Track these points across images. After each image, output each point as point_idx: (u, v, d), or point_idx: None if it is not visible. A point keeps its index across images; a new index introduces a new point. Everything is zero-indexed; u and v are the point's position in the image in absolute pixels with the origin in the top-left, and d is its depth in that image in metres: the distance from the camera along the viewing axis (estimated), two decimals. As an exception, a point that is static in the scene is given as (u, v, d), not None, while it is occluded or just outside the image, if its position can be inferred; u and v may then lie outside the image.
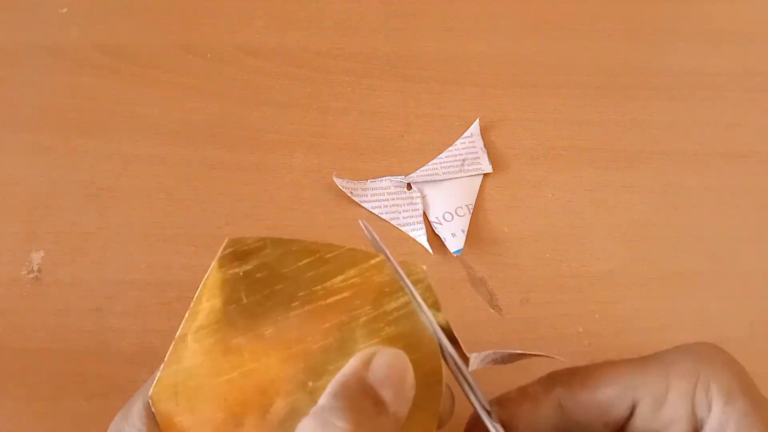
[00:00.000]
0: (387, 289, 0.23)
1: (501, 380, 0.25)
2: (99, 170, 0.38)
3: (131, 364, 0.32)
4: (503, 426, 0.23)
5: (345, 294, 0.22)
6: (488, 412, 0.23)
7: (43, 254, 0.35)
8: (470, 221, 0.37)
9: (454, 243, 0.36)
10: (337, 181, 0.37)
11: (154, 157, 0.38)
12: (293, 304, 0.22)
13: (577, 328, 0.35)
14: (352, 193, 0.37)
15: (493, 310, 0.35)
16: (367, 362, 0.21)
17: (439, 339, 0.23)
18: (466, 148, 0.40)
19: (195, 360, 0.22)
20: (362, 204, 0.37)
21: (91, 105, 0.40)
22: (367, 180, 0.38)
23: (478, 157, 0.39)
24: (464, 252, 0.36)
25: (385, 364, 0.21)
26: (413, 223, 0.37)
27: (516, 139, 0.41)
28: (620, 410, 0.23)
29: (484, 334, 0.35)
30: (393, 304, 0.22)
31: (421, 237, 0.36)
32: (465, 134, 0.40)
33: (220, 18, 0.44)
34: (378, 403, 0.20)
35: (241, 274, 0.23)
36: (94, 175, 0.38)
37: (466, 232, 0.37)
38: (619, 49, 0.45)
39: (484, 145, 0.40)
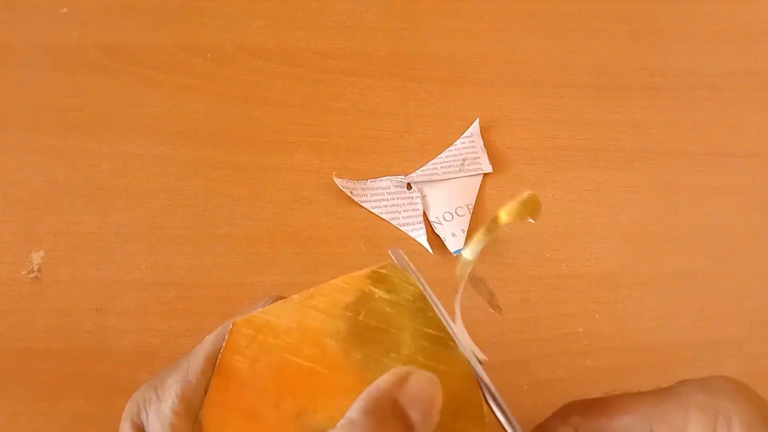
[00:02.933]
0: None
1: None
2: (99, 170, 0.38)
3: (131, 364, 0.32)
4: None
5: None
6: None
7: (43, 254, 0.35)
8: (470, 221, 0.37)
9: (454, 243, 0.36)
10: (337, 181, 0.37)
11: (154, 157, 0.38)
12: (392, 354, 0.22)
13: (577, 328, 0.35)
14: (352, 193, 0.37)
15: (493, 310, 0.35)
16: (403, 381, 0.20)
17: (478, 374, 0.22)
18: (466, 148, 0.40)
19: (289, 327, 0.22)
20: (362, 204, 0.37)
21: (91, 105, 0.40)
22: (367, 180, 0.38)
23: (478, 157, 0.39)
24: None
25: (419, 385, 0.20)
26: (413, 223, 0.37)
27: (516, 139, 0.41)
28: None
29: (484, 334, 0.35)
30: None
31: (421, 237, 0.36)
32: (465, 134, 0.40)
33: (220, 18, 0.44)
34: (407, 425, 0.20)
35: (376, 296, 0.23)
36: (94, 175, 0.38)
37: (466, 232, 0.37)
38: (619, 49, 0.45)
39: (484, 145, 0.40)
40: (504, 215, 0.22)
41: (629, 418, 0.23)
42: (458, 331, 0.23)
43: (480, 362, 0.23)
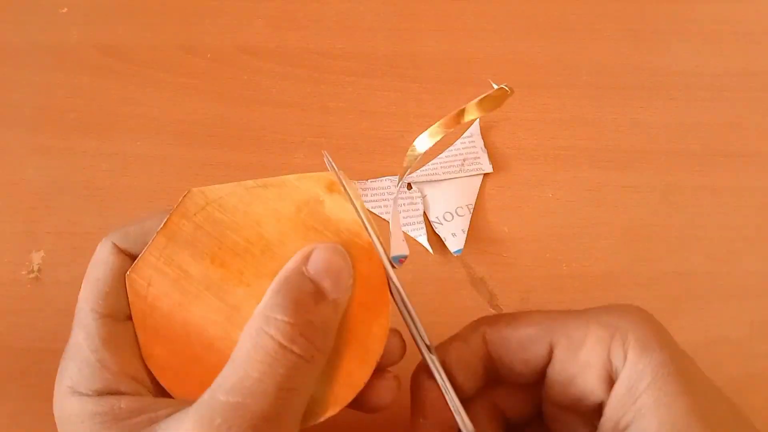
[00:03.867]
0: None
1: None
2: (99, 170, 0.38)
3: (131, 364, 0.32)
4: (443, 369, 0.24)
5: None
6: (428, 347, 0.24)
7: (43, 254, 0.35)
8: (470, 221, 0.37)
9: (454, 243, 0.36)
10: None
11: (153, 157, 0.38)
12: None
13: (577, 328, 0.35)
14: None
15: (493, 310, 0.35)
16: (306, 257, 0.22)
17: (387, 272, 0.24)
18: (466, 148, 0.40)
19: (236, 207, 0.24)
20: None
21: (91, 105, 0.40)
22: (367, 180, 0.38)
23: (478, 157, 0.39)
24: (464, 252, 0.36)
25: (323, 257, 0.22)
26: (413, 223, 0.37)
27: (516, 139, 0.41)
28: (539, 349, 0.24)
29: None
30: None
31: (421, 237, 0.36)
32: (465, 134, 0.40)
33: (220, 18, 0.44)
34: (317, 292, 0.22)
35: (321, 199, 0.24)
36: (94, 175, 0.38)
37: (466, 232, 0.37)
38: (619, 49, 0.45)
39: (484, 145, 0.40)
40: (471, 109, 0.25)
41: (533, 329, 0.24)
42: (393, 227, 0.24)
43: (395, 264, 0.24)
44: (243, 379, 0.20)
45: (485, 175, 0.39)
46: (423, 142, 0.25)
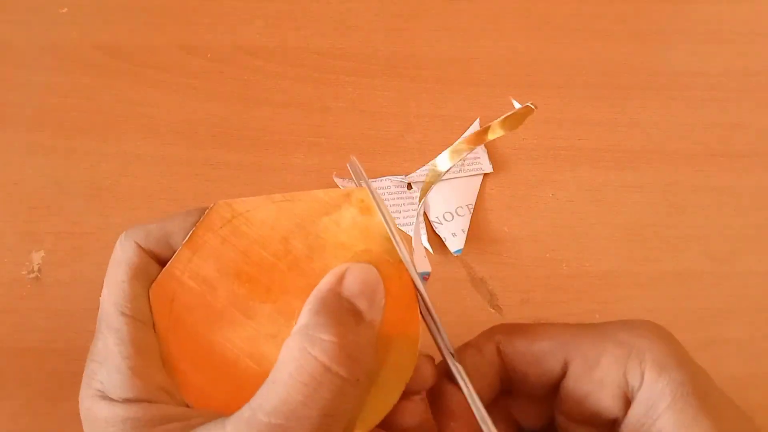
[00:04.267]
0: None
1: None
2: (99, 170, 0.38)
3: (131, 364, 0.32)
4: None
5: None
6: (452, 354, 0.24)
7: (43, 254, 0.35)
8: (470, 221, 0.37)
9: (455, 243, 0.36)
10: (337, 181, 0.37)
11: (154, 157, 0.38)
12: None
13: (577, 328, 0.35)
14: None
15: (493, 310, 0.35)
16: (341, 278, 0.22)
17: (414, 280, 0.23)
18: (466, 148, 0.40)
19: (264, 221, 0.24)
20: (362, 204, 0.37)
21: (91, 105, 0.40)
22: (367, 180, 0.38)
23: (478, 157, 0.39)
24: (464, 252, 0.36)
25: (357, 276, 0.22)
26: (413, 223, 0.37)
27: (516, 139, 0.41)
28: (553, 364, 0.24)
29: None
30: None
31: (421, 237, 0.36)
32: (465, 134, 0.40)
33: (220, 18, 0.44)
34: (356, 313, 0.21)
35: (349, 216, 0.24)
36: (94, 175, 0.38)
37: (466, 232, 0.37)
38: (619, 49, 0.45)
39: (484, 145, 0.40)
40: (497, 128, 0.25)
41: (548, 344, 0.24)
42: (415, 243, 0.24)
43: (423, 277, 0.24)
44: (286, 402, 0.19)
45: (485, 175, 0.39)
46: (444, 161, 0.25)
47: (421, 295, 0.23)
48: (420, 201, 0.24)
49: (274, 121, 0.40)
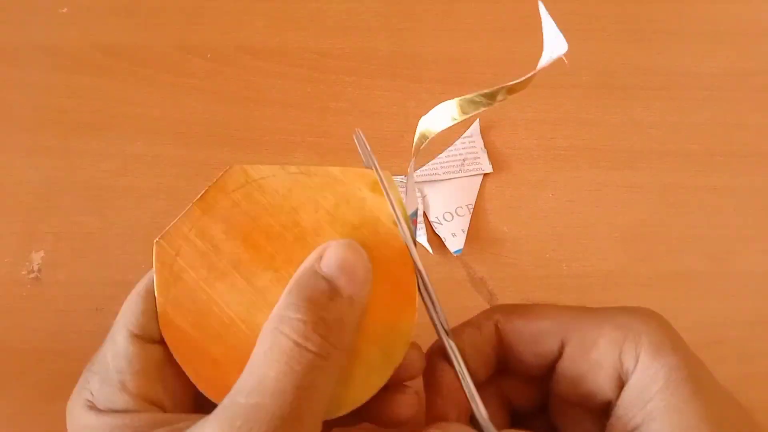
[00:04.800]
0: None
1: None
2: (99, 170, 0.38)
3: (131, 364, 0.32)
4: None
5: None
6: (446, 332, 0.24)
7: (43, 254, 0.35)
8: (470, 221, 0.37)
9: (454, 243, 0.36)
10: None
11: (154, 157, 0.38)
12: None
13: (577, 328, 0.35)
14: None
15: (493, 310, 0.35)
16: (320, 255, 0.22)
17: (412, 256, 0.24)
18: (466, 147, 0.40)
19: (276, 190, 0.24)
20: (362, 204, 0.37)
21: (91, 105, 0.40)
22: (367, 180, 0.38)
23: (478, 157, 0.39)
24: (464, 252, 0.36)
25: (336, 254, 0.22)
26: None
27: (516, 139, 0.41)
28: (550, 344, 0.24)
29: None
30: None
31: (421, 237, 0.36)
32: (465, 134, 0.40)
33: (220, 18, 0.44)
34: (331, 290, 0.21)
35: (360, 196, 0.24)
36: (94, 175, 0.38)
37: (466, 232, 0.37)
38: (619, 49, 0.45)
39: (484, 145, 0.40)
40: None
41: (546, 323, 0.24)
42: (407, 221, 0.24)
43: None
44: (261, 380, 0.20)
45: (485, 175, 0.39)
46: (451, 111, 0.25)
47: (418, 270, 0.24)
48: (411, 161, 0.25)
49: (274, 121, 0.40)
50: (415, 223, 0.25)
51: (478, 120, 0.41)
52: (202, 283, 0.23)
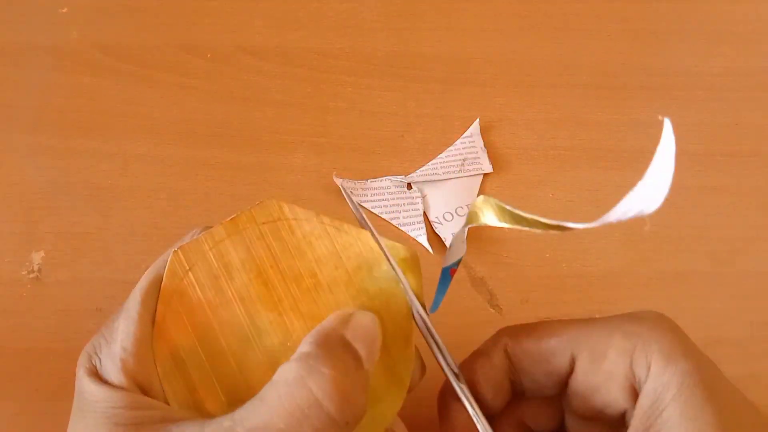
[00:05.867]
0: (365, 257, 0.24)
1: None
2: (99, 170, 0.38)
3: (131, 364, 0.32)
4: (470, 387, 0.24)
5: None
6: (456, 375, 0.24)
7: (43, 254, 0.35)
8: (470, 221, 0.37)
9: (454, 243, 0.36)
10: (337, 181, 0.37)
11: (154, 157, 0.38)
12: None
13: (577, 328, 0.35)
14: (352, 193, 0.37)
15: (493, 310, 0.35)
16: (346, 320, 0.22)
17: (411, 302, 0.24)
18: (466, 148, 0.40)
19: (299, 239, 0.24)
20: (362, 204, 0.37)
21: (91, 105, 0.40)
22: (367, 180, 0.38)
23: (478, 157, 0.39)
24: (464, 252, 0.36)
25: (362, 323, 0.22)
26: (413, 223, 0.37)
27: (516, 139, 0.41)
28: (561, 361, 0.24)
29: (485, 334, 0.34)
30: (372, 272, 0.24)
31: (421, 237, 0.37)
32: (465, 134, 0.40)
33: (220, 18, 0.44)
34: (356, 357, 0.21)
35: (380, 272, 0.24)
36: (94, 175, 0.38)
37: (465, 232, 0.37)
38: (619, 49, 0.45)
39: (484, 145, 0.40)
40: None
41: (554, 340, 0.24)
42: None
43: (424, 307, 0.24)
44: (266, 426, 0.19)
45: (485, 175, 0.39)
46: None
47: (423, 318, 0.23)
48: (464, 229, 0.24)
49: (274, 121, 0.40)
50: (453, 273, 0.25)
51: (478, 120, 0.41)
52: (206, 305, 0.23)
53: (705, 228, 0.39)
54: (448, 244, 0.36)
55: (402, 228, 0.37)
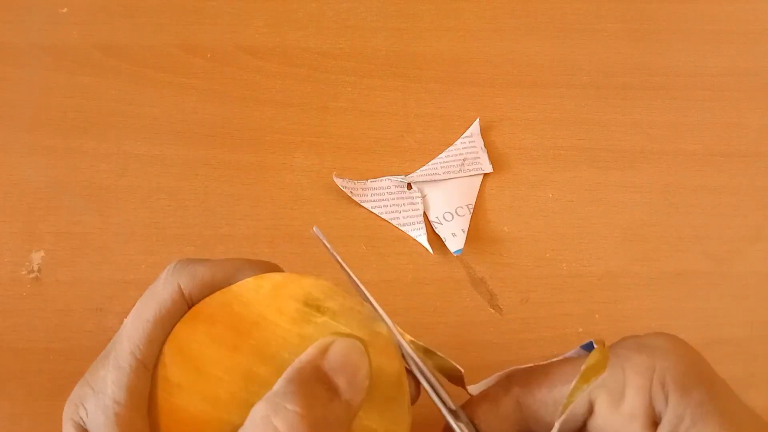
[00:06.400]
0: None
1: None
2: (99, 170, 0.38)
3: (131, 364, 0.32)
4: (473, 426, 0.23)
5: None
6: (454, 413, 0.23)
7: (43, 254, 0.35)
8: (470, 221, 0.37)
9: (455, 243, 0.36)
10: (337, 181, 0.37)
11: (154, 157, 0.38)
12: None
13: (577, 328, 0.35)
14: (352, 193, 0.37)
15: (493, 310, 0.35)
16: (324, 350, 0.21)
17: (400, 344, 0.23)
18: (466, 147, 0.40)
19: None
20: (362, 204, 0.37)
21: (91, 105, 0.40)
22: (367, 180, 0.38)
23: (478, 157, 0.39)
24: (464, 252, 0.36)
25: (341, 352, 0.21)
26: (413, 223, 0.37)
27: (516, 139, 0.41)
28: (578, 407, 0.23)
29: (484, 334, 0.35)
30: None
31: (421, 237, 0.36)
32: (465, 134, 0.40)
33: (220, 18, 0.44)
34: (331, 389, 0.20)
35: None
36: (94, 175, 0.38)
37: (466, 232, 0.37)
38: (619, 49, 0.45)
39: (484, 144, 0.40)
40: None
41: (567, 388, 0.23)
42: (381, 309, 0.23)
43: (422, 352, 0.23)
44: None
45: (485, 175, 0.39)
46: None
47: (416, 363, 0.23)
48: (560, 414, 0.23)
49: (274, 121, 0.40)
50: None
51: (478, 120, 0.41)
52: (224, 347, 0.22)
53: (705, 228, 0.39)
54: (448, 244, 0.36)
55: (402, 228, 0.37)
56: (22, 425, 0.31)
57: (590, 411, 0.23)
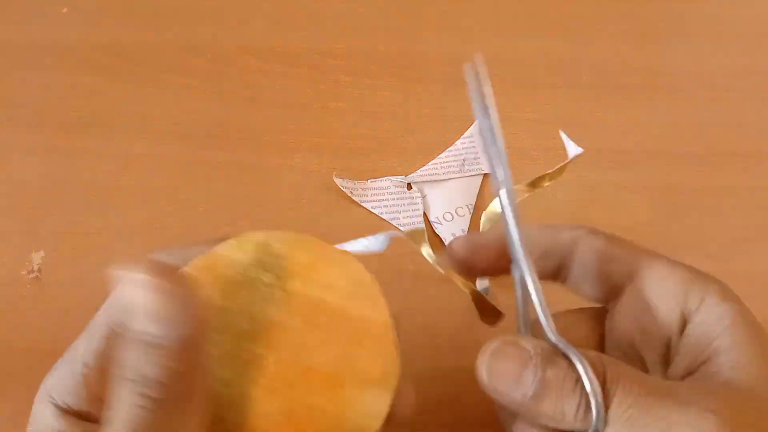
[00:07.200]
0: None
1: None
2: (99, 170, 0.38)
3: (131, 364, 0.32)
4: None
5: None
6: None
7: (43, 254, 0.35)
8: (470, 221, 0.37)
9: (454, 243, 0.36)
10: (337, 181, 0.37)
11: (154, 157, 0.38)
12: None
13: (577, 328, 0.35)
14: (352, 193, 0.37)
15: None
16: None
17: (510, 236, 0.25)
18: (466, 148, 0.40)
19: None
20: (362, 204, 0.37)
21: (91, 105, 0.40)
22: (367, 180, 0.38)
23: (478, 157, 0.39)
24: (464, 252, 0.36)
25: (120, 295, 0.21)
26: (413, 223, 0.37)
27: (516, 139, 0.41)
28: (623, 268, 0.25)
29: (485, 334, 0.34)
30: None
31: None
32: (465, 134, 0.40)
33: (221, 18, 0.44)
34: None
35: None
36: (94, 175, 0.38)
37: (466, 233, 0.37)
38: (619, 49, 0.45)
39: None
40: None
41: (621, 251, 0.25)
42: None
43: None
44: None
45: (485, 175, 0.39)
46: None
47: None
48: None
49: (275, 121, 0.40)
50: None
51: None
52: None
53: (705, 228, 0.39)
54: (448, 244, 0.36)
55: (402, 228, 0.37)
56: (22, 425, 0.31)
57: (631, 280, 0.24)
